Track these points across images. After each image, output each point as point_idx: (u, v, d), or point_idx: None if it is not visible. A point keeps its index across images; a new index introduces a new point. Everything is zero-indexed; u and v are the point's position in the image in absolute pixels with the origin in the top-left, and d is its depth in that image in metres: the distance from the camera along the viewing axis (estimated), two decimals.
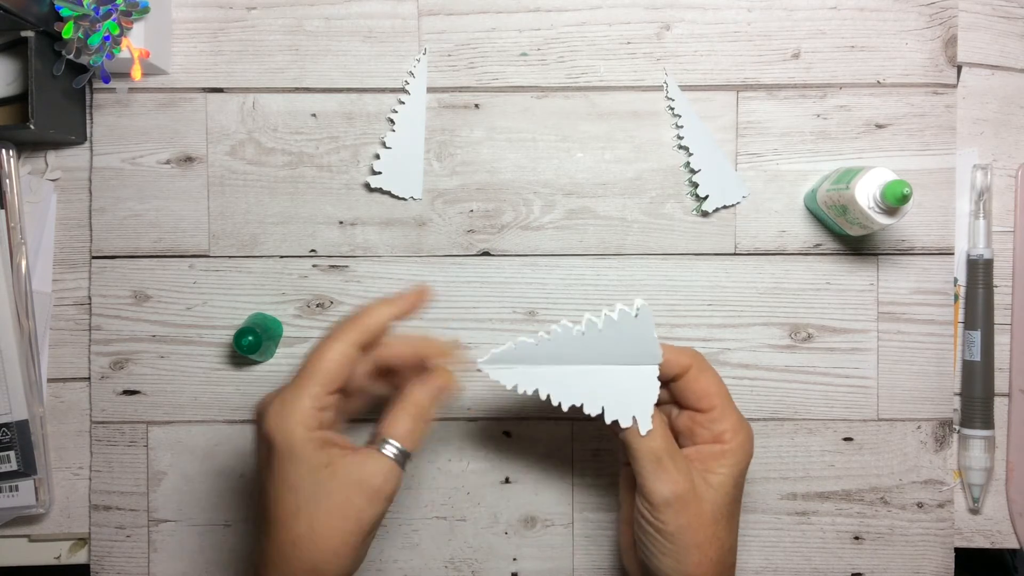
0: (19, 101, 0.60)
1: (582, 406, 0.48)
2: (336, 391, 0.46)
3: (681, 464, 0.48)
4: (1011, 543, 0.63)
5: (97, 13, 0.56)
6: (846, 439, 0.62)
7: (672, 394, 0.51)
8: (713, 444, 0.49)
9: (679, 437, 0.51)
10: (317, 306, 0.62)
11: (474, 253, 0.63)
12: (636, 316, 0.47)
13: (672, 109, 0.62)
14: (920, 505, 0.62)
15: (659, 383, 0.49)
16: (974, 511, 0.63)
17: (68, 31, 0.55)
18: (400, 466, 0.46)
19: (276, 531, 0.44)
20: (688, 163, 0.62)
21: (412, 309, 0.49)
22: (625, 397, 0.48)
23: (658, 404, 0.50)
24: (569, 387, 0.48)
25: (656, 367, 0.48)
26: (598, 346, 0.48)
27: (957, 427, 0.63)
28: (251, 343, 0.58)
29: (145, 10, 0.58)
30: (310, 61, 0.62)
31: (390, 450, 0.45)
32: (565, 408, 0.48)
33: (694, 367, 0.50)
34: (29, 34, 0.56)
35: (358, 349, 0.46)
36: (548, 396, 0.48)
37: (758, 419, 0.62)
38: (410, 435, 0.46)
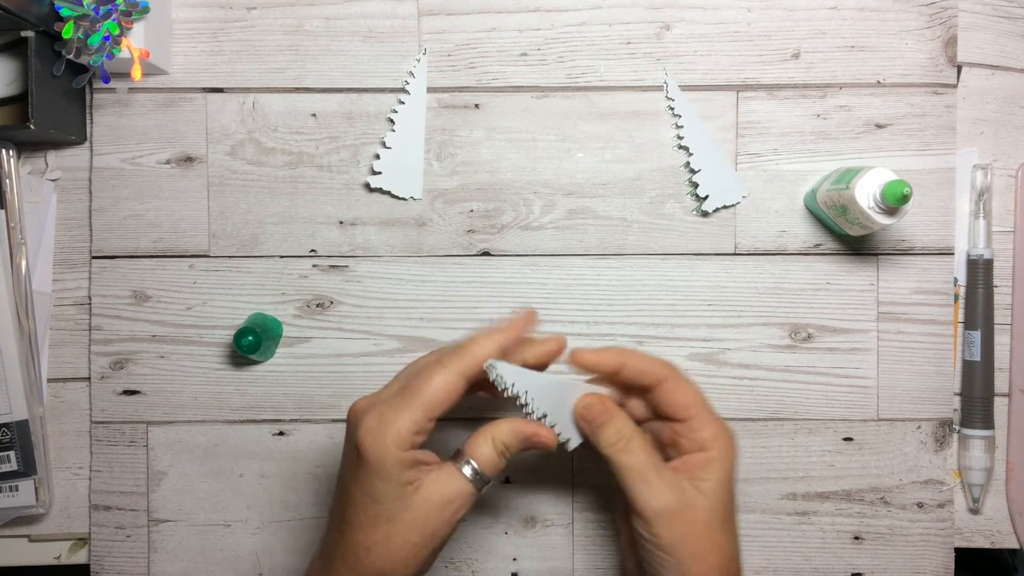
0: (19, 101, 0.60)
1: (544, 416, 0.49)
2: (436, 418, 0.46)
3: (666, 476, 0.48)
4: (1011, 543, 0.63)
5: (97, 13, 0.56)
6: (846, 439, 0.62)
7: (651, 406, 0.51)
8: (698, 453, 0.49)
9: (666, 449, 0.51)
10: (317, 306, 0.62)
11: (474, 253, 0.63)
12: None
13: (672, 109, 0.62)
14: (920, 505, 0.62)
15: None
16: (974, 511, 0.63)
17: (68, 31, 0.55)
18: (476, 488, 0.46)
19: (352, 533, 0.45)
20: (688, 163, 0.62)
21: (520, 335, 0.48)
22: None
23: (642, 421, 0.51)
24: (545, 397, 0.49)
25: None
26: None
27: (957, 427, 0.63)
28: (251, 343, 0.58)
29: (145, 10, 0.58)
30: (310, 61, 0.62)
31: (468, 471, 0.46)
32: (536, 416, 0.49)
33: (669, 379, 0.50)
34: (29, 34, 0.56)
35: (465, 380, 0.46)
36: (526, 401, 0.48)
37: (758, 419, 0.62)
38: (491, 464, 0.47)
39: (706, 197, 0.62)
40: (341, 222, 0.62)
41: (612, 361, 0.50)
